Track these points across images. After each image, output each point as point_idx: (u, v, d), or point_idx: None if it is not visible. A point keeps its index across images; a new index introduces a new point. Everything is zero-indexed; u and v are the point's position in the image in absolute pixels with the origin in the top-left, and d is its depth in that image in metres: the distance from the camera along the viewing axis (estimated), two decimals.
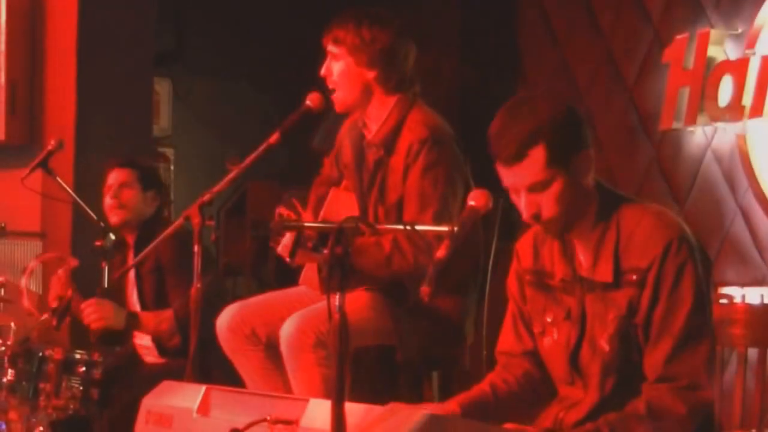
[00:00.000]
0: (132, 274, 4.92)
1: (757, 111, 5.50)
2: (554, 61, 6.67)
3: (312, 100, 3.89)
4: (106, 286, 4.83)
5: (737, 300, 5.46)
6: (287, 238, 3.84)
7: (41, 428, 4.58)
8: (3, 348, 4.56)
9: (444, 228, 2.92)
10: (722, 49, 5.73)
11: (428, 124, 3.89)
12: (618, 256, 2.85)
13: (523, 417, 3.06)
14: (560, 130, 2.82)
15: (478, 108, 6.68)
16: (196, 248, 3.67)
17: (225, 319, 3.98)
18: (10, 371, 4.49)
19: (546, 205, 2.85)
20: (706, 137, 5.86)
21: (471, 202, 2.91)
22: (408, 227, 3.32)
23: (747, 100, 5.55)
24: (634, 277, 2.82)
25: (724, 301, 5.25)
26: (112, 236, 4.93)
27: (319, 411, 2.60)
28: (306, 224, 3.83)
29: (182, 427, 2.98)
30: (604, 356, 2.87)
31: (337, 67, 3.94)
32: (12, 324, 5.03)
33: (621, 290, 2.84)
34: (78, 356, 4.53)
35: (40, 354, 4.49)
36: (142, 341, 4.89)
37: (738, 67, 5.60)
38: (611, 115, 6.27)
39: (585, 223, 2.90)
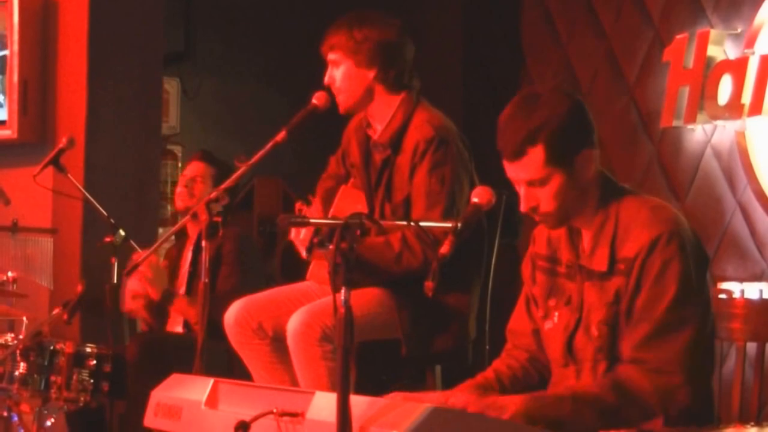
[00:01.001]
0: (188, 258, 4.99)
1: (756, 109, 5.48)
2: (557, 61, 6.67)
3: (318, 99, 3.95)
4: (115, 282, 4.90)
5: (736, 295, 5.44)
6: (306, 233, 3.90)
7: (52, 420, 4.66)
8: (15, 342, 4.63)
9: (447, 224, 2.97)
10: (722, 48, 5.72)
11: (434, 124, 3.94)
12: (614, 246, 2.90)
13: None
14: (561, 130, 2.84)
15: (481, 107, 6.74)
16: (204, 244, 3.73)
17: (232, 313, 4.02)
18: (22, 364, 4.55)
19: (544, 200, 2.90)
20: (705, 135, 5.85)
21: (474, 199, 2.97)
22: (412, 223, 3.38)
23: (746, 98, 5.52)
24: (623, 266, 2.87)
25: (723, 296, 5.28)
26: (122, 232, 5.00)
27: (324, 403, 2.62)
28: (312, 220, 3.89)
29: (191, 420, 3.00)
30: (595, 341, 2.92)
31: (339, 72, 4.00)
32: (24, 318, 5.10)
33: (613, 279, 2.89)
34: (89, 350, 4.60)
35: (52, 347, 4.56)
36: (176, 328, 4.97)
37: (737, 67, 5.58)
38: (612, 114, 6.26)
39: (587, 212, 2.95)
